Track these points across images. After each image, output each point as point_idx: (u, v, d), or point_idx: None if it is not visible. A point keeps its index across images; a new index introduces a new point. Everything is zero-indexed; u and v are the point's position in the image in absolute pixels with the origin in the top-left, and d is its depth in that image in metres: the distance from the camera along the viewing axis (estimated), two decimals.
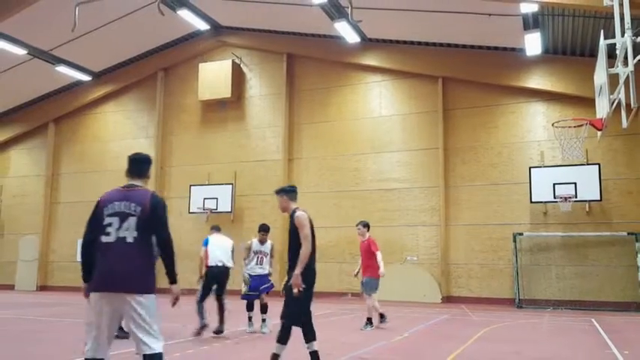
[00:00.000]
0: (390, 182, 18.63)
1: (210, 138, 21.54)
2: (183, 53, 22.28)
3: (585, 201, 15.92)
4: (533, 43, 16.07)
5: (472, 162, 17.78)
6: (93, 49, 20.86)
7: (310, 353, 5.83)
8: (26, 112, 24.74)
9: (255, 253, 9.97)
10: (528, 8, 14.09)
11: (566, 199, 15.74)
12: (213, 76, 20.96)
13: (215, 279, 9.52)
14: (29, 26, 18.53)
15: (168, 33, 21.33)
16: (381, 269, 10.23)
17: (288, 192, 6.31)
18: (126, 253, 4.20)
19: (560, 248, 16.44)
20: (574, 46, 16.31)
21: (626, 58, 6.91)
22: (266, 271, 9.99)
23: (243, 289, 9.86)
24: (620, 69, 7.17)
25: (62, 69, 21.70)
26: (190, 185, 20.98)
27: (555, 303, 15.88)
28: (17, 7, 17.30)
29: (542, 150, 17.01)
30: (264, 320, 9.58)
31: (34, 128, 24.58)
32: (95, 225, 4.33)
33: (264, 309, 9.69)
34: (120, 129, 23.27)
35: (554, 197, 15.90)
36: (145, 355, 4.09)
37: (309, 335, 5.82)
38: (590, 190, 15.66)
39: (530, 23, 15.26)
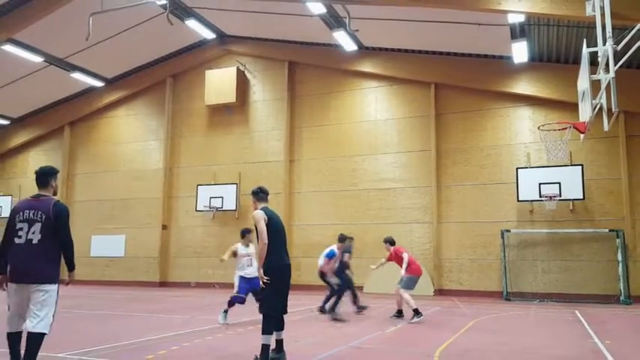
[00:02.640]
0: (386, 182, 18.62)
1: (216, 140, 21.53)
2: (190, 61, 22.27)
3: (569, 200, 15.91)
4: (520, 51, 16.06)
5: (462, 163, 17.77)
6: (106, 57, 20.86)
7: (276, 341, 6.08)
8: (43, 116, 24.75)
9: (242, 256, 10.03)
10: (515, 18, 14.09)
11: (551, 197, 15.74)
12: (219, 82, 20.97)
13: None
14: (45, 35, 18.54)
15: (176, 42, 21.33)
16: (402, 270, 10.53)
17: (255, 194, 6.49)
18: (32, 253, 4.94)
19: (545, 244, 16.43)
20: (558, 54, 16.31)
21: (607, 65, 6.91)
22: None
23: (236, 290, 9.87)
24: (601, 75, 7.16)
25: (77, 75, 21.71)
26: (197, 185, 20.98)
27: (541, 296, 15.87)
28: (34, 17, 17.35)
29: (528, 152, 17.01)
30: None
31: (50, 131, 24.59)
32: (10, 229, 5.07)
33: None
34: (131, 132, 23.26)
35: (540, 196, 15.90)
36: (29, 332, 4.84)
37: (278, 325, 6.08)
38: (573, 190, 15.67)
39: (517, 33, 15.26)
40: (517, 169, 16.55)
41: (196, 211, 20.87)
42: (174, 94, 22.67)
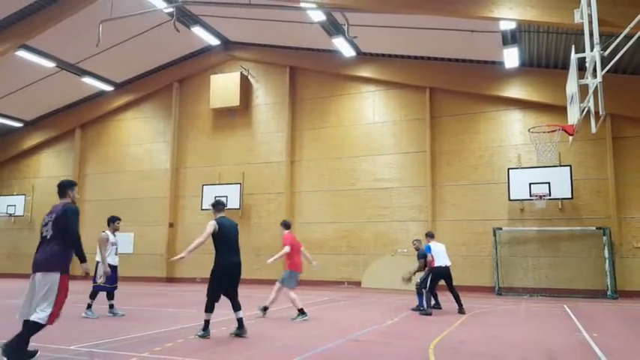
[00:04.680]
0: (383, 182, 18.62)
1: (221, 142, 21.53)
2: (196, 66, 22.27)
3: (558, 199, 15.92)
4: (511, 57, 16.07)
5: (456, 164, 17.77)
6: (115, 62, 20.87)
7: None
8: (55, 119, 24.74)
9: (113, 244, 9.82)
10: (507, 25, 14.09)
11: (541, 197, 15.74)
12: (223, 87, 20.97)
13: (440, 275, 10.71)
14: (57, 41, 18.55)
15: (182, 48, 21.34)
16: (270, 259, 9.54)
17: (212, 205, 7.60)
18: (43, 246, 5.57)
19: (535, 241, 16.43)
20: (548, 60, 16.31)
21: (595, 70, 6.90)
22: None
23: (100, 280, 9.52)
24: (589, 80, 7.16)
25: (87, 80, 21.72)
26: (203, 185, 20.98)
27: (531, 291, 15.87)
28: (46, 24, 17.35)
29: (519, 153, 17.00)
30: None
31: (62, 133, 24.59)
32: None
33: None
34: (139, 134, 23.26)
35: (530, 195, 15.91)
36: (26, 321, 5.20)
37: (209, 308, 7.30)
38: (562, 189, 15.68)
39: (509, 39, 15.26)
40: (508, 169, 16.55)
41: (202, 209, 20.86)
42: (181, 97, 22.67)
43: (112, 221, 9.97)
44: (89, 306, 9.53)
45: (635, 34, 6.60)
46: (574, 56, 7.80)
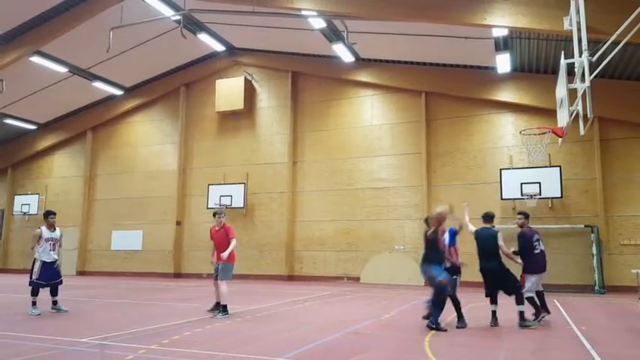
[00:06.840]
0: (380, 182, 18.62)
1: (226, 144, 21.53)
2: (202, 71, 22.27)
3: (548, 198, 15.91)
4: (503, 63, 16.06)
5: (451, 165, 17.77)
6: (125, 68, 20.88)
7: None
8: (67, 122, 24.75)
9: (47, 240, 9.21)
10: (499, 32, 14.08)
11: (531, 196, 15.73)
12: (228, 91, 20.97)
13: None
14: (70, 48, 18.56)
15: (189, 53, 21.34)
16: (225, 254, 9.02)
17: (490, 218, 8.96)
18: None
19: None
20: (539, 65, 16.30)
21: (583, 75, 6.89)
22: (57, 258, 9.37)
23: (35, 276, 9.06)
24: (578, 84, 7.15)
25: (98, 84, 21.72)
26: (208, 184, 20.98)
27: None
28: (59, 31, 17.37)
29: (511, 154, 17.00)
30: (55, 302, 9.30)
31: (74, 135, 24.60)
32: None
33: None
34: (148, 136, 23.27)
35: (522, 195, 15.90)
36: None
37: None
38: (552, 189, 15.67)
39: (501, 45, 15.25)
40: (500, 170, 16.54)
41: (207, 208, 20.86)
42: (187, 101, 22.68)
43: (46, 216, 9.37)
44: (33, 303, 8.93)
45: (622, 40, 6.59)
46: (563, 62, 7.79)
